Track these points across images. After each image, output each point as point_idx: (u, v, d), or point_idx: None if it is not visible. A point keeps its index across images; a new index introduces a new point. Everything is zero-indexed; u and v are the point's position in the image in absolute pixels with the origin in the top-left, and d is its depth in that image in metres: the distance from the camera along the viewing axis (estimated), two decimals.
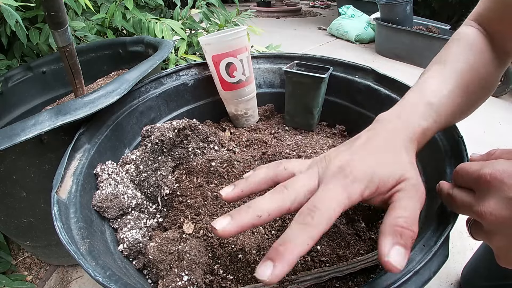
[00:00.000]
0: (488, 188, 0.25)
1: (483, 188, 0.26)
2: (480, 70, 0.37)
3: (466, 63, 0.37)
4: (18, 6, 0.67)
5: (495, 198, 0.24)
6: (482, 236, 0.28)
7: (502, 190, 0.24)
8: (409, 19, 2.17)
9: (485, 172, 0.25)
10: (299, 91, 0.65)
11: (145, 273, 0.42)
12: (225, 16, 1.23)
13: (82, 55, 0.85)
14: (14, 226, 0.59)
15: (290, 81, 0.65)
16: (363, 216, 0.47)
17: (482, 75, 0.38)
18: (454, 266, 0.75)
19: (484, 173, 0.25)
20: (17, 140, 0.40)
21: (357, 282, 0.41)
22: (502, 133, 1.33)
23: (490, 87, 0.40)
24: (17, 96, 0.79)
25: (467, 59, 0.37)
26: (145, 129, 0.53)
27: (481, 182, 0.26)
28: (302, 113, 0.68)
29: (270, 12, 3.91)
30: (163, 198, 0.48)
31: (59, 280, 0.73)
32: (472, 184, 0.28)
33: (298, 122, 0.70)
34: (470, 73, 0.36)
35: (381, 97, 0.60)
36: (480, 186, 0.26)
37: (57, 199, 0.37)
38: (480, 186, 0.26)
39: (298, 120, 0.70)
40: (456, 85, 0.35)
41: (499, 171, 0.24)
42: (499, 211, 0.24)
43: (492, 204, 0.24)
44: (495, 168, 0.25)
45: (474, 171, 0.27)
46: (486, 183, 0.25)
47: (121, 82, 0.50)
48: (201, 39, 0.61)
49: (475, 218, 0.28)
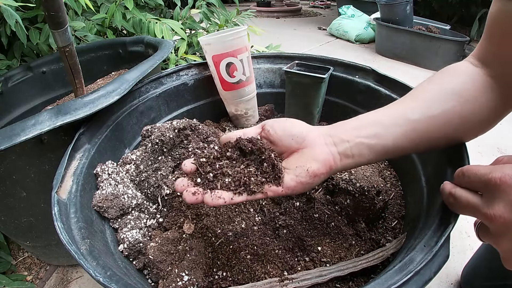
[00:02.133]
0: (497, 192, 0.25)
1: (492, 191, 0.26)
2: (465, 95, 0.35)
3: (441, 90, 0.36)
4: (18, 6, 0.67)
5: (504, 202, 0.25)
6: (490, 239, 0.28)
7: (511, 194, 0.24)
8: (409, 19, 2.17)
9: (495, 176, 0.26)
10: (299, 91, 0.65)
11: (146, 273, 0.42)
12: (225, 16, 1.23)
13: (82, 55, 0.85)
14: (14, 226, 0.59)
15: (291, 81, 0.65)
16: (363, 216, 0.47)
17: (466, 105, 0.35)
18: (454, 266, 0.75)
19: (494, 176, 0.26)
20: (17, 140, 0.40)
21: (357, 282, 0.41)
22: (502, 133, 1.33)
23: (480, 119, 0.36)
24: (17, 96, 0.79)
25: (444, 87, 0.36)
26: (145, 129, 0.53)
27: (490, 185, 0.26)
28: (302, 113, 0.68)
29: (270, 12, 3.91)
30: (163, 198, 0.48)
31: (59, 280, 0.73)
32: (480, 187, 0.28)
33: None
34: (447, 100, 0.35)
35: (381, 97, 0.59)
36: (489, 189, 0.26)
37: (57, 199, 0.37)
38: (489, 189, 0.26)
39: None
40: (426, 111, 0.35)
41: (508, 176, 0.25)
42: (508, 214, 0.24)
43: (501, 207, 0.25)
44: (504, 173, 0.25)
45: (483, 174, 0.27)
46: (495, 187, 0.26)
47: (121, 82, 0.50)
48: (201, 39, 0.61)
49: (482, 221, 0.28)
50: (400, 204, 0.52)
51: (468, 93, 0.35)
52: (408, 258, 0.30)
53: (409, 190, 0.52)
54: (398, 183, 0.56)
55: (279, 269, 0.41)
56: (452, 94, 0.35)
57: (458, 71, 0.38)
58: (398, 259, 0.35)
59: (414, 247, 0.31)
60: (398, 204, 0.52)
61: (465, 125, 0.36)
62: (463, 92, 0.35)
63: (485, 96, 0.35)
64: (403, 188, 0.54)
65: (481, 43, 0.38)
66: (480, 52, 0.38)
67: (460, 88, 0.35)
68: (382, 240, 0.45)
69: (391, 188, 0.54)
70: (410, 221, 0.46)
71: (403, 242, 0.42)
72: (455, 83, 0.36)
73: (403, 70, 2.01)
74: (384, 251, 0.42)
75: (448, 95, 0.35)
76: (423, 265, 0.28)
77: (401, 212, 0.50)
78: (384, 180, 0.55)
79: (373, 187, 0.49)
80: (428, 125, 0.35)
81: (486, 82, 0.36)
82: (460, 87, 0.36)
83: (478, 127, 0.37)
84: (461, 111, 0.35)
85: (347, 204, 0.47)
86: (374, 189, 0.49)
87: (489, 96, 0.35)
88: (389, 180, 0.56)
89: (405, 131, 0.35)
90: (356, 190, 0.47)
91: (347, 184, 0.48)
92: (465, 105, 0.35)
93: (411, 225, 0.44)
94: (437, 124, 0.35)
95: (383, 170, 0.58)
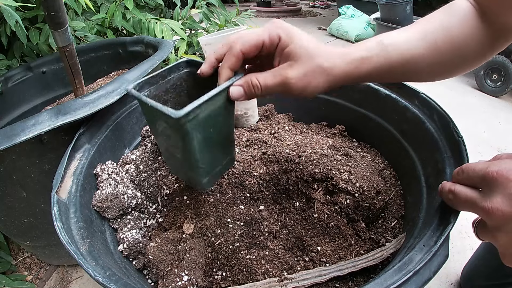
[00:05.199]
0: (494, 185, 0.26)
1: (489, 185, 0.27)
2: (453, 31, 0.37)
3: (436, 22, 0.37)
4: (18, 6, 0.67)
5: (502, 195, 0.25)
6: (488, 236, 0.29)
7: (508, 187, 0.25)
8: (409, 19, 2.17)
9: (492, 170, 0.26)
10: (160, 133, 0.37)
11: (145, 273, 0.42)
12: (225, 16, 1.23)
13: (82, 55, 0.85)
14: (14, 226, 0.59)
15: (144, 110, 0.37)
16: (363, 216, 0.47)
17: (456, 37, 0.37)
18: (454, 266, 0.75)
19: (491, 170, 0.26)
20: (17, 140, 0.40)
21: (357, 282, 0.41)
22: (502, 133, 1.33)
23: (469, 55, 0.38)
24: (17, 96, 0.79)
25: (439, 19, 0.37)
26: (145, 129, 0.53)
27: (487, 179, 0.27)
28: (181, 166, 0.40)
29: (270, 12, 3.91)
30: (163, 198, 0.48)
31: (59, 280, 0.73)
32: (478, 182, 0.28)
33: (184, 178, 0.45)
34: (439, 30, 0.36)
35: (381, 97, 0.59)
36: (486, 183, 0.27)
37: (57, 199, 0.37)
38: (486, 183, 0.27)
39: (182, 176, 0.44)
40: (419, 37, 0.36)
41: (505, 169, 0.25)
42: (506, 207, 0.25)
43: (499, 200, 0.25)
44: (502, 166, 0.26)
45: (481, 169, 0.28)
46: (493, 180, 0.26)
47: (121, 82, 0.50)
48: (201, 39, 0.61)
49: (480, 215, 0.28)
50: (399, 204, 0.52)
51: (462, 34, 0.37)
52: (407, 257, 0.30)
53: (408, 190, 0.52)
54: (398, 183, 0.56)
55: (278, 269, 0.41)
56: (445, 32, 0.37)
57: (458, 11, 0.38)
58: (397, 258, 0.35)
59: (413, 247, 0.31)
60: (397, 204, 0.52)
61: (456, 57, 0.37)
62: (457, 33, 0.37)
63: (477, 34, 0.37)
64: (402, 188, 0.55)
65: None
66: None
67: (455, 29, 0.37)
68: (381, 239, 0.46)
69: (390, 188, 0.54)
70: (410, 221, 0.46)
71: (403, 241, 0.42)
72: (452, 24, 0.37)
73: None
74: (383, 251, 0.42)
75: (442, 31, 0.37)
76: (422, 264, 0.28)
77: (401, 212, 0.51)
78: (384, 180, 0.55)
79: (372, 187, 0.49)
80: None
81: (479, 21, 0.37)
82: (456, 30, 0.37)
83: (466, 61, 0.39)
84: (451, 42, 0.36)
85: (346, 204, 0.47)
86: (374, 189, 0.49)
87: (480, 34, 0.37)
88: (389, 180, 0.56)
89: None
90: (356, 190, 0.47)
91: (346, 184, 0.48)
92: (457, 39, 0.37)
93: (411, 224, 0.44)
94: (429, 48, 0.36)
95: (383, 170, 0.58)
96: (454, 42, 0.36)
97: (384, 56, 0.35)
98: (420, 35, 0.37)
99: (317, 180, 0.49)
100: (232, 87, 0.33)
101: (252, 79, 0.33)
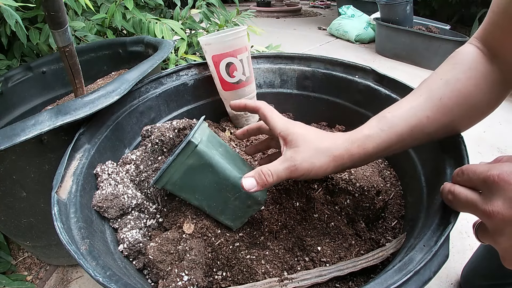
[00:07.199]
0: (495, 189, 0.26)
1: (490, 188, 0.26)
2: (458, 85, 0.36)
3: (440, 78, 0.37)
4: (18, 6, 0.67)
5: (503, 198, 0.25)
6: (488, 239, 0.29)
7: (509, 191, 0.25)
8: (409, 19, 2.17)
9: (493, 173, 0.26)
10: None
11: (145, 273, 0.42)
12: (225, 16, 1.23)
13: (82, 55, 0.85)
14: (14, 226, 0.59)
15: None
16: (363, 216, 0.47)
17: (463, 89, 0.36)
18: (454, 266, 0.75)
19: (492, 174, 0.26)
20: (17, 140, 0.40)
21: (357, 282, 0.41)
22: (502, 133, 1.33)
23: (480, 104, 0.37)
24: (17, 96, 0.79)
25: (444, 74, 0.37)
26: (145, 129, 0.53)
27: (488, 182, 0.27)
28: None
29: (270, 12, 3.91)
30: (163, 198, 0.48)
31: (59, 280, 0.73)
32: (479, 184, 0.28)
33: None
34: (443, 87, 0.36)
35: (381, 97, 0.60)
36: (487, 186, 0.27)
37: (57, 199, 0.37)
38: (487, 186, 0.27)
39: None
40: (423, 98, 0.37)
41: (506, 173, 0.25)
42: (506, 211, 0.25)
43: (500, 204, 0.25)
44: (503, 170, 0.26)
45: (482, 171, 0.28)
46: (493, 184, 0.26)
47: (121, 82, 0.50)
48: (201, 39, 0.61)
49: (480, 218, 0.28)
50: (400, 204, 0.52)
51: (469, 85, 0.36)
52: (407, 258, 0.30)
53: (409, 190, 0.52)
54: (398, 183, 0.56)
55: (278, 269, 0.41)
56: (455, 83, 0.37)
57: (463, 60, 0.38)
58: (397, 259, 0.35)
59: (413, 247, 0.31)
60: (398, 204, 0.52)
61: (465, 110, 0.37)
62: (462, 86, 0.36)
63: (486, 81, 0.36)
64: (403, 188, 0.55)
65: (485, 26, 0.38)
66: (484, 34, 0.39)
67: (464, 79, 0.37)
68: (381, 240, 0.46)
69: (391, 188, 0.54)
70: (410, 221, 0.46)
71: (403, 242, 0.42)
72: (457, 77, 0.37)
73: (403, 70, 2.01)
74: (383, 251, 0.42)
75: (451, 85, 0.37)
76: (422, 264, 0.28)
77: (401, 212, 0.51)
78: (384, 180, 0.55)
79: (373, 187, 0.49)
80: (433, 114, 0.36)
81: (488, 66, 0.37)
82: (461, 83, 0.37)
83: (477, 112, 0.38)
84: (463, 97, 0.36)
85: (347, 204, 0.47)
86: (374, 189, 0.49)
87: (490, 80, 0.36)
88: (389, 180, 0.56)
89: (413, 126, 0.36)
90: (356, 190, 0.47)
91: (347, 184, 0.48)
92: (464, 91, 0.36)
93: (411, 225, 0.44)
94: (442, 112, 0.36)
95: (383, 170, 0.58)
96: (460, 96, 0.36)
97: (388, 129, 0.36)
98: (424, 96, 0.37)
99: (317, 180, 0.49)
100: (244, 179, 0.35)
101: (263, 169, 0.35)
